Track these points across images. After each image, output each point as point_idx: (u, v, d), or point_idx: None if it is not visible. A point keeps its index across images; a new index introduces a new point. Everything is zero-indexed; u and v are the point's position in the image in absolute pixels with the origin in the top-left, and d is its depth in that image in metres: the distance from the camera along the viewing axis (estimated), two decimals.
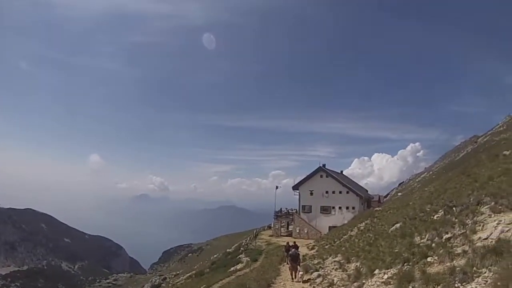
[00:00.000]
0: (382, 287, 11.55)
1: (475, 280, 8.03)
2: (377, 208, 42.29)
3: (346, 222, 47.89)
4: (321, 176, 58.14)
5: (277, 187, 62.45)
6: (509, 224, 9.57)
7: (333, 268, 19.60)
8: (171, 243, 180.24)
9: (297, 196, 59.28)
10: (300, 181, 59.68)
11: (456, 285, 8.23)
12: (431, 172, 65.68)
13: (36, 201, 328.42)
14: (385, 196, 73.81)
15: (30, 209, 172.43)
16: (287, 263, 26.63)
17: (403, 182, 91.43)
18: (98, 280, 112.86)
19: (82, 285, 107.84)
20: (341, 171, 67.01)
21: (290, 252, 21.40)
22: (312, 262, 24.55)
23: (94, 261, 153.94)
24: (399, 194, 62.07)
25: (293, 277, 20.20)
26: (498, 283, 7.00)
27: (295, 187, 59.44)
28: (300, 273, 19.74)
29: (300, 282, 19.04)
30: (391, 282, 11.06)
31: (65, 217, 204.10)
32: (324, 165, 59.23)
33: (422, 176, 71.79)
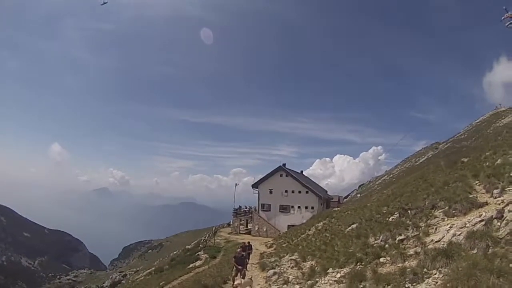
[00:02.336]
0: (335, 286, 11.54)
1: (425, 281, 8.07)
2: (336, 209, 42.95)
3: (305, 221, 48.19)
4: (281, 175, 58.34)
5: (236, 185, 62.34)
6: (461, 228, 9.73)
7: (289, 266, 19.61)
8: (132, 238, 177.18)
9: (257, 195, 59.18)
10: (260, 180, 59.68)
11: (406, 286, 8.25)
12: (391, 175, 67.50)
13: None
14: (345, 197, 75.21)
15: None
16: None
17: (363, 184, 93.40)
18: (58, 277, 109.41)
19: (42, 282, 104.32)
20: (301, 171, 67.59)
21: (237, 254, 19.14)
22: (269, 260, 24.53)
23: (54, 256, 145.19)
24: (359, 195, 63.42)
25: (237, 285, 16.58)
26: (448, 285, 7.02)
27: (255, 186, 59.36)
28: (242, 280, 16.73)
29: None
30: (343, 281, 11.05)
31: (24, 210, 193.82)
32: (284, 165, 59.51)
33: (382, 179, 73.68)
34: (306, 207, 55.39)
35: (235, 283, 15.94)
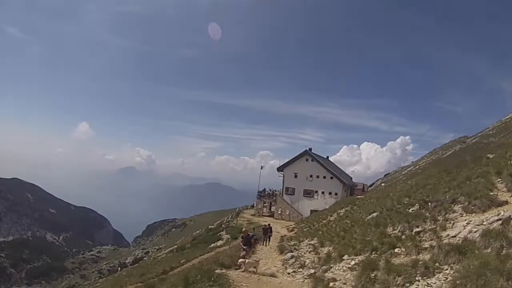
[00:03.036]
0: (348, 272, 11.60)
1: (436, 276, 8.02)
2: (359, 196, 42.58)
3: (327, 207, 48.16)
4: (307, 160, 58.16)
5: (262, 167, 62.54)
6: (478, 225, 9.54)
7: (307, 251, 19.81)
8: (156, 217, 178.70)
9: (282, 178, 59.23)
10: (286, 163, 59.65)
11: (416, 278, 8.22)
12: (417, 167, 66.08)
13: (22, 171, 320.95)
14: (370, 186, 74.35)
15: (17, 178, 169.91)
16: (263, 243, 26.78)
17: (389, 173, 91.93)
18: (82, 252, 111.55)
19: (66, 257, 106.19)
20: (327, 157, 67.12)
21: (244, 234, 18.51)
22: (289, 243, 24.79)
23: (79, 232, 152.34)
24: (383, 184, 62.51)
25: (241, 263, 15.85)
26: (457, 281, 6.97)
27: (280, 169, 59.40)
28: (247, 260, 16.12)
29: (246, 270, 15.12)
30: (356, 269, 11.06)
31: (51, 188, 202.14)
32: (310, 149, 59.19)
33: (408, 169, 72.22)
34: (330, 193, 55.20)
35: (239, 261, 15.93)
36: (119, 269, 64.77)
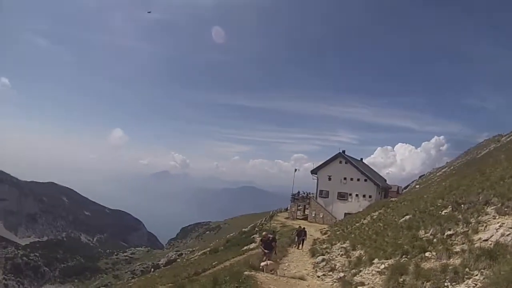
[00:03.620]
0: (376, 276, 11.36)
1: (465, 282, 7.70)
2: (393, 199, 41.57)
3: (361, 210, 47.20)
4: (340, 162, 57.19)
5: (296, 170, 61.89)
6: (510, 228, 9.12)
7: (338, 254, 19.50)
8: (190, 220, 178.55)
9: (316, 181, 58.59)
10: (319, 166, 58.85)
11: (445, 284, 7.93)
12: (452, 167, 63.88)
13: (59, 176, 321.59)
14: (405, 188, 72.40)
15: (52, 182, 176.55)
16: (297, 246, 26.63)
17: (424, 175, 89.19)
18: (115, 253, 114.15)
19: (100, 257, 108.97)
20: (361, 159, 65.76)
21: (264, 238, 18.02)
22: (321, 246, 24.53)
23: (113, 234, 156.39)
24: (417, 186, 60.80)
25: (263, 266, 15.52)
26: None
27: (314, 171, 58.69)
28: (269, 262, 15.84)
29: (267, 272, 14.81)
30: (385, 273, 10.81)
31: (87, 192, 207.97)
32: (343, 151, 58.27)
33: (443, 170, 69.87)
34: (364, 196, 54.06)
35: (261, 264, 15.57)
36: (152, 270, 65.58)
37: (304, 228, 29.21)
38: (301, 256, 22.83)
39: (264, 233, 19.82)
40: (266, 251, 17.26)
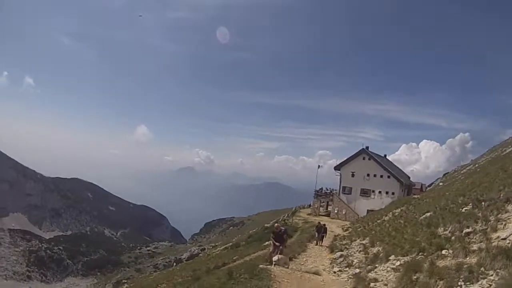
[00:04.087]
0: (391, 273, 11.06)
1: (480, 282, 7.34)
2: (416, 196, 40.61)
3: (384, 207, 46.32)
4: (364, 158, 56.26)
5: (319, 166, 61.39)
6: None
7: (357, 250, 19.22)
8: (214, 216, 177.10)
9: (339, 177, 57.84)
10: (342, 162, 58.08)
11: (459, 283, 7.58)
12: (476, 165, 61.71)
13: (84, 172, 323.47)
14: (429, 186, 70.47)
15: (77, 178, 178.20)
16: (316, 242, 26.33)
17: (448, 172, 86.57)
18: (138, 247, 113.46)
19: (123, 251, 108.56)
20: (385, 155, 64.40)
21: (276, 230, 17.71)
22: (341, 242, 24.24)
23: (137, 229, 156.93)
24: (441, 184, 59.08)
25: (272, 259, 15.53)
26: None
27: (337, 168, 57.96)
28: (280, 256, 15.47)
29: (276, 265, 14.48)
30: (400, 270, 10.49)
31: (111, 188, 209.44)
32: (367, 148, 57.21)
33: (467, 168, 67.57)
34: (387, 192, 52.99)
35: (273, 259, 15.17)
36: (174, 264, 65.54)
37: (324, 224, 28.90)
38: (319, 252, 22.65)
39: (276, 224, 19.39)
40: (277, 243, 16.92)
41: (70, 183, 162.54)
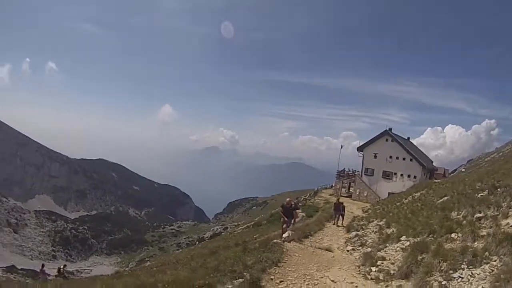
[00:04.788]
0: (399, 253, 11.06)
1: (482, 267, 7.29)
2: (436, 180, 39.72)
3: (405, 190, 45.56)
4: (386, 140, 54.77)
5: (342, 146, 60.54)
6: None
7: (372, 231, 19.17)
8: (238, 195, 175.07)
9: (362, 158, 56.90)
10: (365, 143, 56.88)
11: (462, 266, 7.54)
12: (501, 153, 59.50)
13: (109, 153, 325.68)
14: (452, 172, 68.61)
15: (102, 159, 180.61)
16: (334, 220, 26.25)
17: (472, 159, 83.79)
18: (162, 226, 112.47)
19: (147, 230, 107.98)
20: (408, 138, 62.59)
21: (286, 205, 17.09)
22: (358, 223, 24.19)
23: (161, 208, 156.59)
24: (463, 170, 57.50)
25: (285, 238, 14.90)
26: (502, 276, 6.29)
27: (360, 149, 56.73)
28: (290, 232, 15.23)
29: (289, 242, 14.46)
30: (408, 250, 10.47)
31: (136, 168, 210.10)
32: (390, 129, 55.72)
33: (491, 156, 65.19)
34: (409, 176, 51.76)
35: (283, 235, 15.11)
36: (197, 242, 65.67)
37: (342, 202, 28.62)
38: (337, 231, 22.68)
39: (287, 199, 18.19)
40: (286, 218, 16.66)
41: (95, 164, 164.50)
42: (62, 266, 29.34)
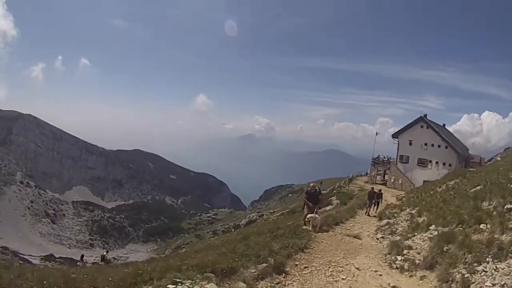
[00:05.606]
0: (426, 242, 10.73)
1: (508, 261, 6.96)
2: (471, 169, 37.88)
3: (439, 178, 43.78)
4: (422, 127, 52.63)
5: (377, 133, 58.93)
6: None
7: (404, 219, 18.72)
8: (274, 182, 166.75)
9: (397, 145, 55.04)
10: (400, 129, 54.94)
11: (487, 259, 7.24)
12: None
13: (145, 144, 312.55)
14: (489, 160, 64.83)
15: (138, 150, 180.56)
16: (367, 210, 25.44)
17: (509, 147, 78.72)
18: (198, 214, 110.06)
19: (183, 218, 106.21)
20: (443, 125, 59.68)
21: (310, 190, 16.35)
22: (390, 211, 23.64)
23: (197, 196, 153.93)
24: (499, 159, 54.18)
25: (309, 218, 14.70)
26: None
27: (395, 135, 54.84)
28: (315, 215, 14.59)
29: (311, 226, 14.26)
30: (435, 240, 10.15)
31: (172, 157, 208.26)
32: (425, 115, 53.40)
33: None
34: (444, 164, 49.46)
35: (308, 217, 14.61)
36: (233, 229, 65.23)
37: (380, 190, 27.82)
38: (369, 219, 22.31)
39: (311, 184, 17.37)
40: (310, 204, 15.83)
41: (132, 155, 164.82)
42: (105, 253, 31.44)
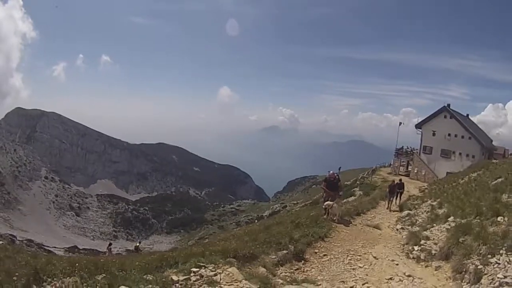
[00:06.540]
0: (444, 234, 10.59)
1: None
2: (494, 161, 36.38)
3: (462, 170, 42.29)
4: (445, 117, 50.50)
5: (400, 124, 57.13)
6: None
7: (425, 211, 18.41)
8: (297, 174, 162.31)
9: (420, 136, 53.15)
10: (424, 120, 52.99)
11: (501, 252, 7.11)
12: None
13: (169, 137, 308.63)
14: None
15: (163, 143, 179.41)
16: (388, 204, 24.44)
17: None
18: (222, 205, 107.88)
19: (207, 209, 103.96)
20: (467, 115, 57.09)
21: (330, 178, 15.35)
22: (412, 202, 23.26)
23: (221, 188, 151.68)
24: None
25: (326, 206, 14.31)
26: None
27: (418, 126, 52.93)
28: (333, 204, 13.94)
29: (329, 215, 13.89)
30: (451, 231, 10.01)
31: (197, 150, 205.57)
32: (449, 105, 51.12)
33: None
34: (467, 155, 47.37)
35: (325, 204, 14.23)
36: (256, 221, 65.02)
37: (400, 179, 27.05)
38: (387, 212, 21.97)
39: (330, 172, 16.07)
40: (330, 192, 15.06)
41: (156, 148, 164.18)
42: (138, 244, 32.84)
